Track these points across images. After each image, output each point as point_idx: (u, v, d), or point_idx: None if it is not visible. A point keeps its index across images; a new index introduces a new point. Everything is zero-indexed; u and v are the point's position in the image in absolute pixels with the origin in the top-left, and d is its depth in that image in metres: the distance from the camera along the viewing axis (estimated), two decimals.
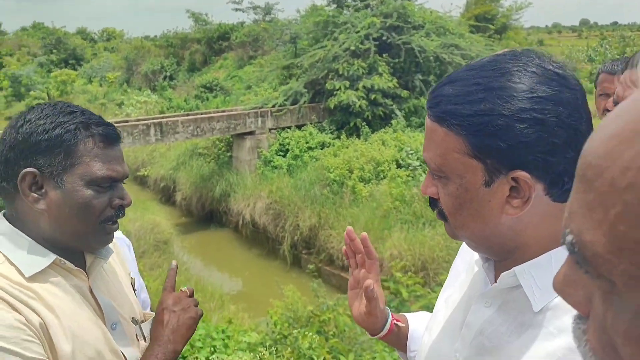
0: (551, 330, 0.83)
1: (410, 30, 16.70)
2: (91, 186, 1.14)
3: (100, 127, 1.17)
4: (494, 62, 0.85)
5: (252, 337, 5.07)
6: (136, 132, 14.00)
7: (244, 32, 27.43)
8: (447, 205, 0.89)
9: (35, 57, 41.98)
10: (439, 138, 0.86)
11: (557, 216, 0.85)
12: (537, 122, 0.79)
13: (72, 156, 1.12)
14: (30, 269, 1.10)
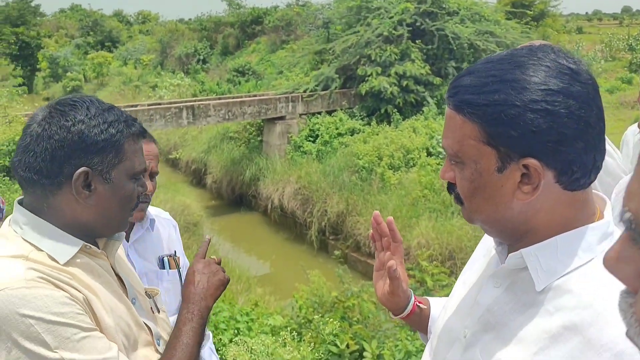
0: (549, 309, 0.88)
1: (445, 16, 16.45)
2: (132, 180, 1.23)
3: (134, 126, 1.24)
4: (511, 56, 0.90)
5: (277, 320, 5.13)
6: (169, 115, 14.19)
7: (277, 16, 27.41)
8: (463, 190, 0.95)
9: (73, 38, 42.74)
10: (457, 126, 0.92)
11: (567, 204, 0.90)
12: (548, 113, 0.84)
13: (120, 153, 1.19)
14: (64, 255, 1.15)
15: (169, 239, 1.98)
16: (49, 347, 1.03)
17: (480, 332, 0.98)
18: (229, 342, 3.76)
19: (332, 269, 7.91)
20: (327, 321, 4.43)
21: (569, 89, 0.85)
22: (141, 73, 30.26)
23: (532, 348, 0.88)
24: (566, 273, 0.89)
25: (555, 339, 0.86)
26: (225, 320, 4.24)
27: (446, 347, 1.06)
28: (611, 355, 0.80)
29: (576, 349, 0.83)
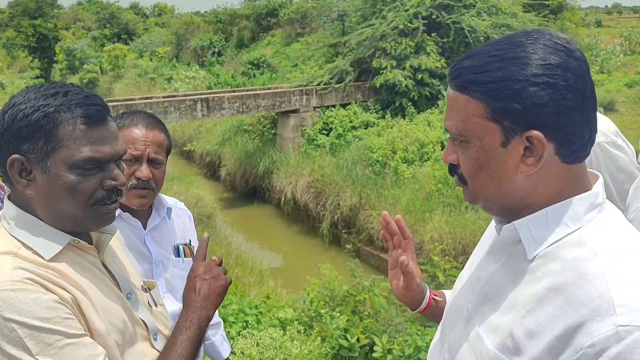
0: (539, 275, 0.94)
1: (461, 9, 16.28)
2: (74, 170, 1.11)
3: (81, 109, 1.12)
4: (509, 37, 0.97)
5: (288, 313, 5.14)
6: (183, 107, 14.23)
7: (293, 9, 27.35)
8: (467, 168, 1.00)
9: (90, 31, 43.02)
10: (461, 105, 0.97)
11: (563, 177, 0.95)
12: (549, 86, 0.90)
13: (52, 140, 1.09)
14: (49, 251, 1.12)
15: (184, 228, 2.02)
16: (30, 353, 1.00)
17: (480, 305, 1.04)
18: (237, 335, 3.77)
19: (344, 262, 7.91)
20: (337, 315, 4.43)
21: (567, 63, 0.92)
22: (157, 65, 30.37)
23: (521, 311, 0.93)
24: (555, 241, 0.94)
25: (541, 300, 0.91)
26: (234, 313, 4.25)
27: (452, 322, 1.13)
28: (588, 311, 0.84)
29: (558, 308, 0.88)
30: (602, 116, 2.34)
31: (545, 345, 0.88)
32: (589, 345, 0.82)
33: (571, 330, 0.85)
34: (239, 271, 8.42)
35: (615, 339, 0.80)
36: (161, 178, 1.83)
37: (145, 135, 1.78)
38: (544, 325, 0.89)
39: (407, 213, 11.55)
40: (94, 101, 1.15)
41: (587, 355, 0.82)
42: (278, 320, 4.55)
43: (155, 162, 1.80)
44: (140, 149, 1.76)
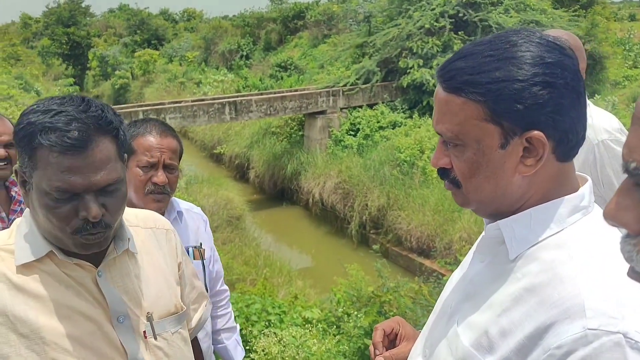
0: (518, 276, 0.93)
1: (488, 6, 16.11)
2: (47, 195, 1.08)
3: (54, 134, 1.05)
4: (500, 37, 0.95)
5: (315, 313, 5.19)
6: (212, 111, 14.42)
7: (319, 10, 27.42)
8: (462, 172, 0.97)
9: (121, 37, 43.84)
10: (456, 108, 0.94)
11: (555, 177, 0.95)
12: (549, 85, 0.89)
13: (33, 160, 1.08)
14: (22, 258, 1.14)
15: (197, 231, 2.08)
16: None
17: (461, 302, 1.04)
18: (259, 334, 3.82)
19: (372, 263, 7.91)
20: (361, 316, 4.45)
21: (563, 61, 0.91)
22: (186, 70, 30.79)
23: (497, 310, 0.93)
24: (537, 243, 0.94)
25: (517, 300, 0.90)
26: (257, 312, 4.30)
27: (437, 319, 1.12)
28: (559, 312, 0.84)
29: (531, 308, 0.87)
30: (605, 112, 2.28)
31: (515, 344, 0.87)
32: (557, 346, 0.81)
33: (541, 331, 0.84)
34: (267, 272, 8.51)
35: (583, 342, 0.79)
36: (175, 182, 1.91)
37: (160, 142, 1.86)
38: (516, 324, 0.88)
39: (435, 213, 11.49)
40: (81, 127, 1.07)
41: (554, 357, 0.81)
42: (301, 319, 4.60)
43: (170, 167, 1.88)
44: (156, 156, 1.84)
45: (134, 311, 1.24)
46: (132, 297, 1.24)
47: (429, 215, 11.57)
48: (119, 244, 1.23)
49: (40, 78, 32.10)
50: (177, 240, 1.44)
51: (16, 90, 19.52)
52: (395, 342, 1.28)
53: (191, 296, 1.48)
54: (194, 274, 1.52)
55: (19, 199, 2.70)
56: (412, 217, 11.82)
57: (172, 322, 1.31)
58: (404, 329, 1.29)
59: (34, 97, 21.45)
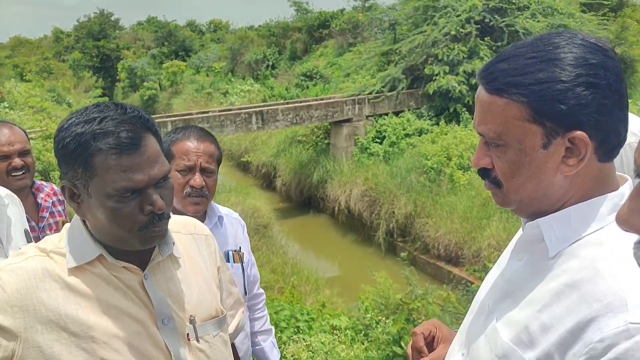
0: (557, 272, 0.94)
1: (515, 11, 15.99)
2: (111, 197, 1.12)
3: (110, 137, 1.10)
4: (542, 39, 0.97)
5: (343, 321, 5.19)
6: (239, 120, 14.57)
7: (344, 19, 27.52)
8: (503, 172, 0.99)
9: (149, 49, 44.63)
10: (499, 109, 0.95)
11: (596, 177, 0.96)
12: (592, 86, 0.90)
13: (89, 169, 1.11)
14: (74, 261, 1.18)
15: (236, 236, 2.14)
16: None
17: (500, 300, 1.04)
18: (289, 340, 3.84)
19: (399, 271, 7.88)
20: (390, 323, 4.44)
21: (606, 63, 0.93)
22: (213, 80, 31.16)
23: (537, 306, 0.94)
24: (576, 240, 0.95)
25: (558, 296, 0.91)
26: (286, 319, 4.33)
27: (474, 318, 1.13)
28: (601, 307, 0.84)
29: (573, 302, 0.88)
30: (632, 115, 2.27)
31: (556, 338, 0.88)
32: (599, 340, 0.82)
33: (582, 325, 0.85)
34: (294, 280, 8.54)
35: (625, 335, 0.80)
36: (213, 186, 1.96)
37: (197, 146, 1.92)
38: (557, 319, 0.89)
39: (463, 220, 11.39)
40: (129, 127, 1.13)
41: (595, 350, 0.82)
42: (329, 326, 4.61)
43: (207, 171, 1.93)
44: (193, 160, 1.90)
45: (178, 314, 1.26)
46: (176, 300, 1.27)
47: (457, 222, 11.47)
48: (164, 248, 1.26)
49: (72, 90, 32.84)
50: (215, 246, 1.47)
51: (49, 103, 19.99)
52: (432, 345, 1.29)
53: (228, 302, 1.50)
54: (231, 281, 1.54)
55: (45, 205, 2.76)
56: (440, 225, 11.73)
57: (213, 325, 1.34)
58: (440, 331, 1.30)
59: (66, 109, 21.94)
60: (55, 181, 10.11)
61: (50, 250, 1.19)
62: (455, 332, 1.26)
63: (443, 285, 7.23)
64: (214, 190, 1.97)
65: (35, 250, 1.20)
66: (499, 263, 1.17)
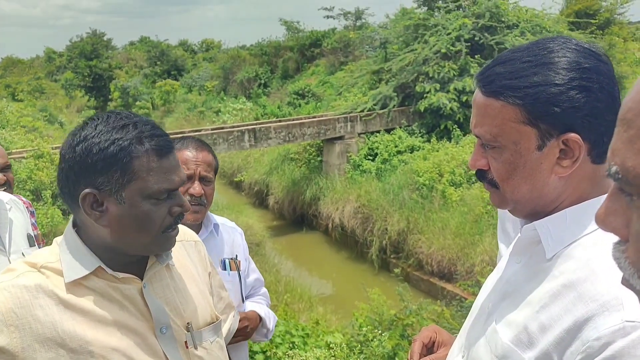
0: (555, 274, 0.96)
1: (504, 29, 16.20)
2: (149, 199, 1.15)
3: (153, 141, 1.15)
4: (537, 44, 1.00)
5: (337, 337, 5.17)
6: (231, 138, 14.60)
7: (335, 38, 27.77)
8: (499, 173, 1.01)
9: (142, 69, 44.76)
10: (495, 111, 0.98)
11: (590, 179, 0.98)
12: (585, 89, 0.93)
13: (128, 173, 1.13)
14: (72, 274, 1.16)
15: (233, 244, 2.16)
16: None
17: (499, 302, 1.06)
18: (284, 355, 3.83)
19: (393, 287, 7.89)
20: (385, 339, 4.43)
21: (599, 67, 0.95)
22: (205, 99, 31.25)
23: (536, 307, 0.95)
24: (573, 242, 0.97)
25: (555, 296, 0.93)
26: (281, 335, 4.31)
27: (474, 321, 1.15)
28: (597, 306, 0.86)
29: (570, 302, 0.90)
30: None
31: (554, 338, 0.89)
32: (595, 338, 0.83)
33: (580, 324, 0.86)
34: (288, 297, 8.50)
35: (621, 333, 0.81)
36: (211, 194, 2.00)
37: (196, 156, 1.97)
38: (555, 319, 0.90)
39: (456, 236, 11.41)
40: (161, 132, 1.19)
41: (592, 348, 0.83)
42: (324, 343, 4.59)
43: (205, 179, 1.97)
44: (192, 169, 1.94)
45: (175, 322, 1.27)
46: (173, 308, 1.28)
47: (449, 238, 11.49)
48: (162, 257, 1.27)
49: (64, 110, 32.84)
50: (204, 251, 1.49)
51: (41, 122, 19.97)
52: (432, 350, 1.31)
53: (219, 306, 1.50)
54: (221, 285, 1.56)
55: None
56: (433, 241, 11.75)
57: (210, 332, 1.35)
58: (440, 336, 1.33)
59: (57, 128, 21.89)
60: (47, 200, 10.07)
61: (42, 265, 1.17)
62: (455, 337, 1.28)
63: (437, 301, 7.23)
64: (212, 199, 2.00)
65: (25, 266, 1.17)
66: (498, 267, 1.19)
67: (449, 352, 1.22)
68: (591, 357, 0.83)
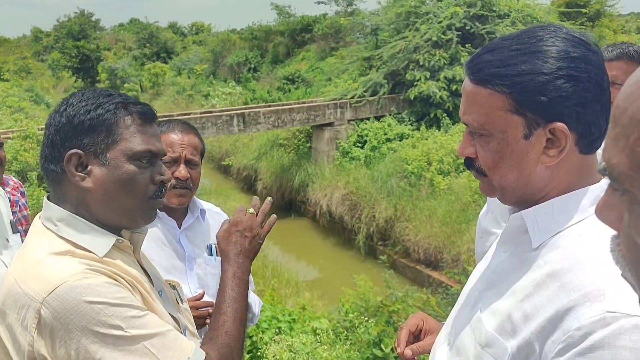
0: (540, 263, 0.96)
1: (495, 19, 16.20)
2: (133, 161, 1.19)
3: (137, 107, 1.22)
4: (527, 32, 0.99)
5: (323, 323, 5.20)
6: (220, 123, 14.52)
7: (326, 24, 27.57)
8: (487, 161, 1.01)
9: (130, 50, 44.27)
10: (483, 99, 0.98)
11: (577, 169, 0.98)
12: (573, 78, 0.93)
13: (113, 134, 1.17)
14: (101, 249, 1.17)
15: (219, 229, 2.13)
16: (120, 328, 1.06)
17: (485, 291, 1.07)
18: (270, 340, 3.84)
19: (379, 274, 7.94)
20: (372, 325, 4.46)
21: (587, 56, 0.94)
22: (194, 82, 31.00)
23: (520, 296, 0.95)
24: (559, 232, 0.97)
25: (539, 286, 0.93)
26: (267, 320, 4.32)
27: (461, 309, 1.16)
28: (579, 296, 0.86)
29: (553, 292, 0.90)
30: None
31: (536, 327, 0.90)
32: (576, 328, 0.83)
33: (562, 314, 0.87)
34: (275, 283, 8.52)
35: (602, 324, 0.81)
36: (197, 178, 1.98)
37: (182, 138, 1.94)
38: (538, 308, 0.91)
39: (443, 225, 11.48)
40: (144, 103, 1.26)
41: (573, 338, 0.83)
42: (311, 328, 4.62)
43: (191, 163, 1.95)
44: (178, 151, 1.91)
45: (164, 284, 1.36)
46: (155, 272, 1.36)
47: (436, 226, 11.56)
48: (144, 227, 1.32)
49: (51, 91, 32.43)
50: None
51: (27, 103, 19.74)
52: (419, 337, 1.33)
53: None
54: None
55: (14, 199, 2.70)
56: (420, 229, 11.81)
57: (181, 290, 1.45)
58: (427, 324, 1.34)
59: (44, 109, 21.64)
60: (33, 182, 9.97)
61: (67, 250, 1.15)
62: (442, 324, 1.29)
63: (423, 288, 7.29)
64: (198, 182, 1.99)
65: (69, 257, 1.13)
66: (487, 255, 1.20)
67: (436, 340, 1.24)
68: (571, 346, 0.84)
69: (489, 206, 2.27)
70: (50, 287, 1.05)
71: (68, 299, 1.04)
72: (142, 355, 1.07)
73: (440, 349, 1.17)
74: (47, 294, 1.05)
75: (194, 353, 1.13)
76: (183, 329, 1.32)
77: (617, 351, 0.80)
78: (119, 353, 1.05)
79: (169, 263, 1.90)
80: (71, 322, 1.04)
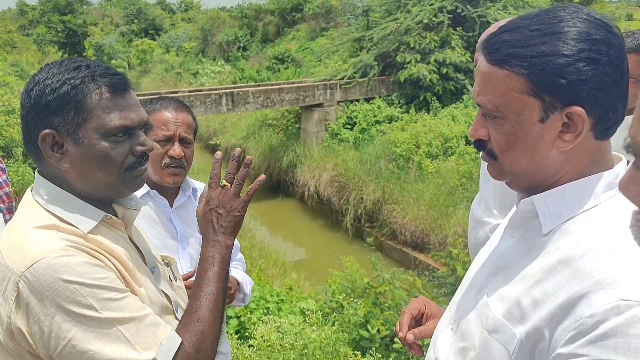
0: (551, 249, 0.95)
1: (487, 3, 16.14)
2: (107, 137, 1.14)
3: (105, 79, 1.15)
4: (548, 12, 0.96)
5: (310, 304, 5.23)
6: (208, 101, 14.40)
7: (317, 4, 27.30)
8: (499, 144, 0.98)
9: (118, 27, 43.61)
10: (499, 80, 0.94)
11: (591, 155, 0.96)
12: (593, 61, 0.89)
13: (82, 111, 1.13)
14: (86, 225, 1.15)
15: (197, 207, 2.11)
16: (94, 309, 1.05)
17: (492, 276, 1.05)
18: (258, 321, 3.86)
19: (366, 256, 7.97)
20: (360, 305, 4.49)
21: (609, 39, 0.91)
22: (183, 60, 30.66)
23: (529, 282, 0.94)
24: (570, 218, 0.95)
25: (550, 272, 0.92)
26: (256, 300, 4.33)
27: (465, 294, 1.14)
28: (592, 283, 0.85)
29: (565, 279, 0.89)
30: None
31: (547, 313, 0.89)
32: (589, 315, 0.82)
33: (573, 300, 0.85)
34: (262, 263, 8.55)
35: (616, 311, 0.80)
36: (191, 156, 1.95)
37: (175, 117, 1.91)
38: (549, 294, 0.89)
39: (430, 207, 11.54)
40: (115, 72, 1.18)
41: (585, 325, 0.82)
42: (299, 309, 4.64)
43: (185, 141, 1.92)
44: (172, 130, 1.89)
45: (158, 260, 1.34)
46: (150, 249, 1.34)
47: (423, 209, 11.62)
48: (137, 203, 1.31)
49: (36, 65, 31.88)
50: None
51: (12, 78, 19.42)
52: (421, 321, 1.32)
53: None
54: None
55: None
56: (407, 212, 11.87)
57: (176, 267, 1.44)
58: (429, 308, 1.33)
59: None
60: (18, 157, 9.85)
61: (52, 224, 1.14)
62: (444, 309, 1.28)
63: (409, 271, 7.34)
64: (192, 161, 1.96)
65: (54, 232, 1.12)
66: (492, 240, 1.18)
67: (439, 324, 1.23)
68: (583, 334, 0.82)
69: (482, 196, 2.24)
70: (29, 261, 1.05)
71: (45, 276, 1.04)
72: (114, 339, 1.06)
73: (443, 334, 1.16)
74: (25, 268, 1.04)
75: (167, 339, 1.11)
76: (175, 306, 1.31)
77: (630, 339, 0.79)
78: (91, 334, 1.05)
79: (160, 242, 1.88)
80: (46, 299, 1.03)
